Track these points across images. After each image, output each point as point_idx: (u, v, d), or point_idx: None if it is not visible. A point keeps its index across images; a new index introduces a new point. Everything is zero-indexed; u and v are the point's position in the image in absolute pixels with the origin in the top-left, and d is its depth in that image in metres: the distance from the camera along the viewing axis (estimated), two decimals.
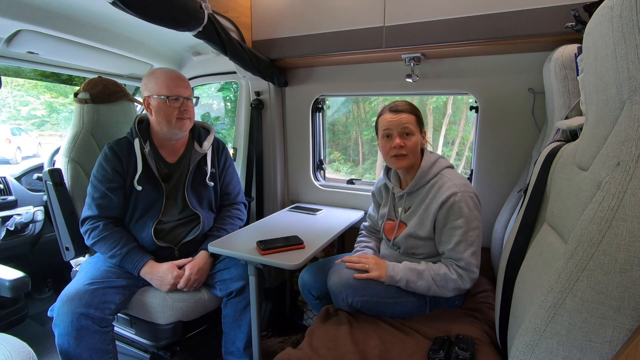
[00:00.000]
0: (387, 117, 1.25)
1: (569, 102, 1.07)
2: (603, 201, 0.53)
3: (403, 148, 1.23)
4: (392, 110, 1.25)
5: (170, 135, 1.48)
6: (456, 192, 1.17)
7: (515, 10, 1.27)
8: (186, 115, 1.44)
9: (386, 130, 1.25)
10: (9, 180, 2.02)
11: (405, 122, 1.23)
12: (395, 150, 1.23)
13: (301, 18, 1.66)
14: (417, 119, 1.26)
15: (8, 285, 1.18)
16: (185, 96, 1.43)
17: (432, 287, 1.16)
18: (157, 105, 1.41)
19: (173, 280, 1.36)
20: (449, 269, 1.17)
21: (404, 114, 1.24)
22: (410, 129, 1.23)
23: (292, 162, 2.09)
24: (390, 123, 1.24)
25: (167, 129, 1.44)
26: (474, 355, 0.98)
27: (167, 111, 1.40)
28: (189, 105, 1.46)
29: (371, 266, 1.21)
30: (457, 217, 1.16)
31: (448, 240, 1.19)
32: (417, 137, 1.25)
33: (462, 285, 1.16)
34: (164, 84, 1.40)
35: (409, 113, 1.24)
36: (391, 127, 1.24)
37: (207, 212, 1.56)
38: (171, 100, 1.40)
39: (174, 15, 1.19)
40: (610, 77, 0.56)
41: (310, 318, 2.04)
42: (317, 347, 1.06)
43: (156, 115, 1.42)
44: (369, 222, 1.55)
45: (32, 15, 1.38)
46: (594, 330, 0.54)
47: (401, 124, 1.23)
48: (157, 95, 1.40)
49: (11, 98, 9.15)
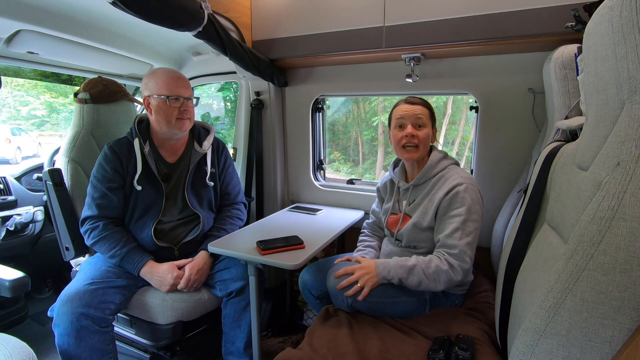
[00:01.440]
0: (402, 107, 1.30)
1: (569, 102, 1.07)
2: (603, 201, 0.53)
3: (415, 138, 1.26)
4: (408, 101, 1.31)
5: (169, 135, 1.48)
6: (462, 183, 1.20)
7: (515, 10, 1.27)
8: (186, 116, 1.44)
9: (399, 120, 1.29)
10: (9, 180, 2.02)
11: (419, 113, 1.27)
12: (407, 139, 1.27)
13: (301, 18, 1.66)
14: (431, 113, 1.31)
15: (8, 285, 1.18)
16: (185, 96, 1.43)
17: (423, 281, 1.14)
18: (157, 104, 1.41)
19: (173, 281, 1.36)
20: (440, 260, 1.15)
21: (418, 106, 1.29)
22: (423, 120, 1.27)
23: (292, 162, 2.09)
24: (405, 113, 1.28)
25: (166, 128, 1.44)
26: (474, 355, 0.98)
27: (167, 111, 1.40)
28: (189, 105, 1.46)
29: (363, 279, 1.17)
30: (459, 205, 1.17)
31: (445, 227, 1.18)
32: (429, 131, 1.29)
33: (453, 276, 1.13)
34: (164, 83, 1.40)
35: (423, 106, 1.30)
36: (405, 116, 1.28)
37: (207, 212, 1.56)
38: (171, 100, 1.40)
39: (174, 15, 1.19)
40: (610, 77, 0.56)
41: (310, 318, 2.04)
42: (317, 347, 1.06)
43: (156, 115, 1.42)
44: (371, 219, 1.55)
45: (32, 15, 1.38)
46: (594, 330, 0.54)
47: (415, 114, 1.27)
48: (157, 95, 1.40)
49: (11, 98, 9.16)
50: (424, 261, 1.17)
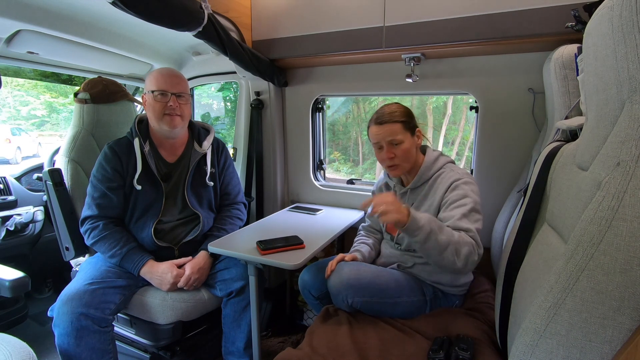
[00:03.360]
0: (373, 130, 1.27)
1: (569, 102, 1.07)
2: (603, 201, 0.53)
3: (394, 159, 1.24)
4: (377, 122, 1.25)
5: (165, 133, 1.48)
6: (460, 178, 1.20)
7: (515, 10, 1.27)
8: (175, 112, 1.42)
9: (376, 144, 1.27)
10: (9, 180, 2.02)
11: (389, 134, 1.23)
12: (387, 161, 1.26)
13: (301, 18, 1.66)
14: (404, 124, 1.24)
15: (8, 285, 1.18)
16: (173, 91, 1.41)
17: (450, 245, 1.03)
18: (148, 100, 1.43)
19: (173, 280, 1.36)
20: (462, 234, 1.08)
21: (388, 125, 1.23)
22: (397, 138, 1.22)
23: (292, 162, 2.09)
24: (377, 136, 1.25)
25: (156, 124, 1.44)
26: (474, 355, 0.98)
27: (155, 106, 1.41)
28: (180, 102, 1.43)
29: (389, 207, 1.02)
30: (462, 196, 1.16)
31: (453, 214, 1.14)
32: (408, 143, 1.24)
33: (473, 254, 1.06)
34: (155, 79, 1.42)
35: (393, 122, 1.23)
36: (378, 140, 1.25)
37: (207, 212, 1.56)
38: (157, 94, 1.40)
39: (174, 15, 1.19)
40: (610, 77, 0.56)
41: (310, 318, 2.04)
42: (317, 347, 1.06)
43: (147, 111, 1.45)
44: (367, 223, 1.55)
45: (32, 15, 1.38)
46: (594, 330, 0.54)
47: (386, 136, 1.23)
48: (148, 91, 1.43)
49: (11, 98, 9.16)
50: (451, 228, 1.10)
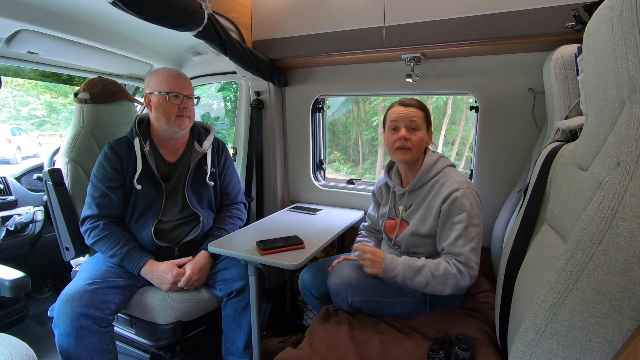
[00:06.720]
0: (397, 109, 1.28)
1: (569, 102, 1.07)
2: (603, 201, 0.53)
3: (408, 141, 1.24)
4: (402, 103, 1.28)
5: (169, 134, 1.48)
6: (458, 188, 1.18)
7: (515, 10, 1.27)
8: (185, 114, 1.44)
9: (394, 122, 1.27)
10: (9, 180, 2.02)
11: (413, 116, 1.25)
12: (400, 142, 1.25)
13: (301, 18, 1.66)
14: (426, 115, 1.29)
15: (8, 285, 1.18)
16: (185, 94, 1.44)
17: (430, 283, 1.12)
18: (158, 101, 1.42)
19: (173, 279, 1.36)
20: (448, 264, 1.14)
21: (413, 109, 1.26)
22: (417, 123, 1.25)
23: (292, 162, 2.09)
24: (399, 115, 1.26)
25: (166, 126, 1.44)
26: (474, 355, 0.98)
27: (167, 107, 1.41)
28: (190, 103, 1.46)
29: (366, 262, 1.16)
30: (459, 212, 1.16)
31: (448, 235, 1.18)
32: (423, 134, 1.27)
33: (461, 281, 1.12)
34: (165, 80, 1.41)
35: (418, 109, 1.27)
36: (399, 119, 1.26)
37: (207, 212, 1.56)
38: (171, 96, 1.41)
39: (174, 15, 1.19)
40: (610, 77, 0.56)
41: (310, 318, 2.04)
42: (317, 347, 1.06)
43: (156, 112, 1.43)
44: (368, 222, 1.55)
45: (32, 15, 1.38)
46: (594, 330, 0.54)
47: (409, 117, 1.25)
48: (157, 92, 1.41)
49: (11, 98, 9.16)
50: (433, 263, 1.16)
